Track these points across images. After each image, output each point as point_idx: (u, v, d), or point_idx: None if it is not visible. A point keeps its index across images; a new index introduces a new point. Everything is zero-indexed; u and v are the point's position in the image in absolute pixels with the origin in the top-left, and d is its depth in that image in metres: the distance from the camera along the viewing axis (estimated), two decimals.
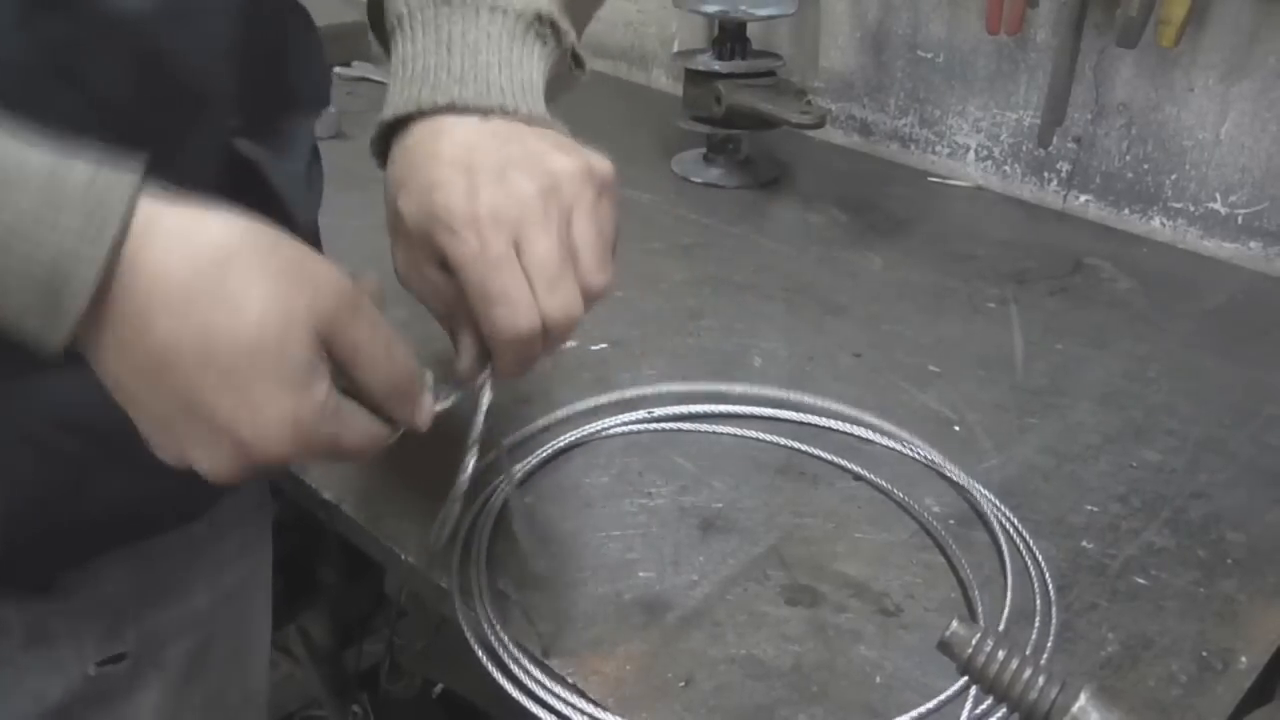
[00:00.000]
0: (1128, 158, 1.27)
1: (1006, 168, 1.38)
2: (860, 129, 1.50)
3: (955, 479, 0.83)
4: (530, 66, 0.59)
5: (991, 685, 0.53)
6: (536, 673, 0.66)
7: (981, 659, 0.53)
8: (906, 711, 0.64)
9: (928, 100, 1.42)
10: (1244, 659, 0.69)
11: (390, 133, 0.58)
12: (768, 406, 0.89)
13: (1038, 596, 0.73)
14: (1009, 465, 0.86)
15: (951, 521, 0.79)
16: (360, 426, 0.51)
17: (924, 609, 0.72)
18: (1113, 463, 0.87)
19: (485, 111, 0.56)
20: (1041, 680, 0.52)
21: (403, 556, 0.75)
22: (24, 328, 0.44)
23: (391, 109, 0.57)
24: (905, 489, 0.82)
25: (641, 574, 0.74)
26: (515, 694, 0.65)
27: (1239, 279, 1.18)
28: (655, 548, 0.76)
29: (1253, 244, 1.20)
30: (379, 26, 0.66)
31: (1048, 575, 0.74)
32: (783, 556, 0.76)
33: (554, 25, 0.60)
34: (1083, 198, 1.32)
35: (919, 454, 0.86)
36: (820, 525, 0.79)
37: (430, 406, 0.55)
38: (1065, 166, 1.32)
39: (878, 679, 0.67)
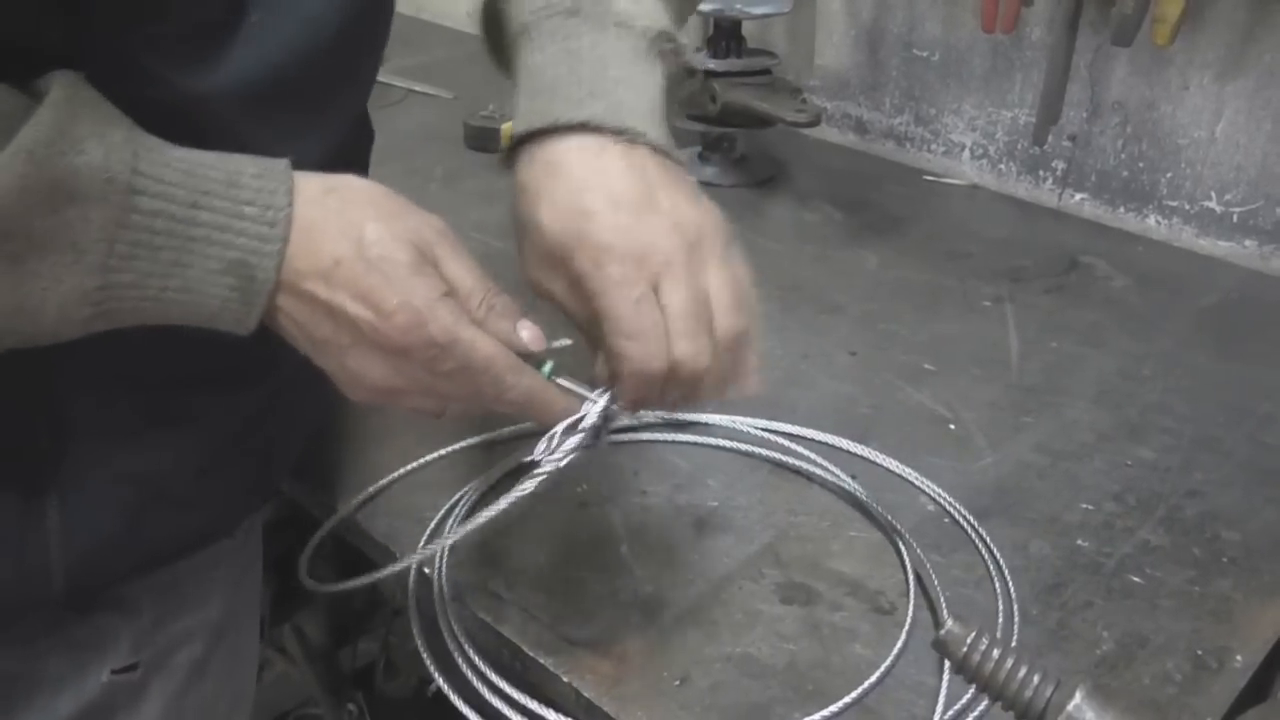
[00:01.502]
0: (1123, 156, 1.27)
1: (1002, 166, 1.38)
2: (855, 127, 1.50)
3: (940, 493, 0.83)
4: (654, 85, 0.60)
5: (987, 683, 0.53)
6: (538, 670, 0.66)
7: (977, 657, 0.53)
8: (901, 712, 0.64)
9: (923, 98, 1.42)
10: (1239, 657, 0.69)
11: (521, 141, 0.59)
12: (747, 443, 0.88)
13: (1033, 595, 0.73)
14: (1004, 463, 0.86)
15: (947, 520, 0.79)
16: (478, 333, 0.55)
17: (918, 608, 0.72)
18: (1108, 461, 0.87)
19: (617, 132, 0.57)
20: (1037, 679, 0.52)
21: (398, 555, 0.75)
22: (222, 317, 0.52)
23: (526, 122, 0.59)
24: (899, 487, 0.82)
25: (637, 573, 0.74)
26: (507, 694, 0.65)
27: (1234, 277, 1.18)
28: (650, 547, 0.76)
29: (1248, 242, 1.20)
30: (493, 33, 0.67)
31: (1043, 574, 0.74)
32: (778, 555, 0.76)
33: (673, 41, 0.62)
34: (1078, 196, 1.32)
35: (908, 473, 0.85)
36: (815, 524, 0.79)
37: (539, 335, 0.58)
38: (1060, 165, 1.32)
39: (873, 678, 0.67)
